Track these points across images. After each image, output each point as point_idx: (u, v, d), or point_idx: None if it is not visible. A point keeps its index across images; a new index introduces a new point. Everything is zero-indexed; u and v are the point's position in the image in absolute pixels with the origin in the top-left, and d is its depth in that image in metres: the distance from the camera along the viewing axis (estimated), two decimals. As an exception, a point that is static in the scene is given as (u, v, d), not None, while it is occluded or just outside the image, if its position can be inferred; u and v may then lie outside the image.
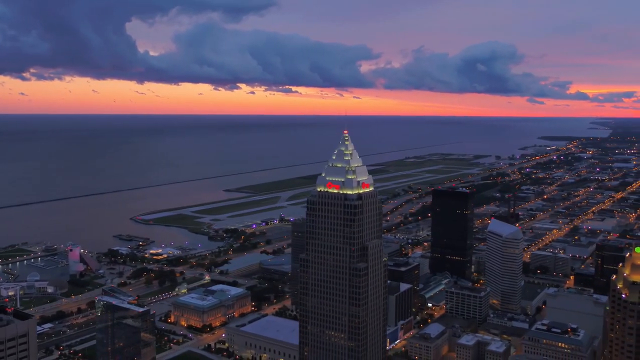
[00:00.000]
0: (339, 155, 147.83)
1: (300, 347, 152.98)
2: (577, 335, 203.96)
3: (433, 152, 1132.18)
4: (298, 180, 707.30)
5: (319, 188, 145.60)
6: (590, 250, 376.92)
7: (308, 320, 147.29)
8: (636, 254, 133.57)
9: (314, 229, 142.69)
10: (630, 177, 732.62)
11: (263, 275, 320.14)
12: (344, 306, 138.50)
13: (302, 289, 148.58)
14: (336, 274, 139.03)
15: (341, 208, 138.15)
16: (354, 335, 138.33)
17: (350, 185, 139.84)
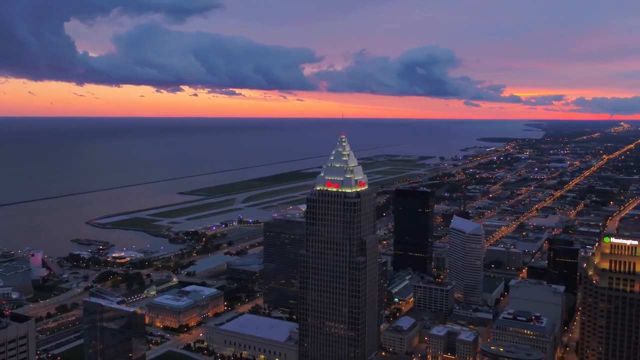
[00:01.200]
0: (337, 156, 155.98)
1: (300, 339, 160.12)
2: (541, 323, 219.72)
3: (379, 153, 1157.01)
4: (251, 182, 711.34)
5: (318, 187, 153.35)
6: (539, 245, 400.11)
7: (308, 313, 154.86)
8: (605, 244, 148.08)
9: (314, 225, 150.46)
10: (567, 176, 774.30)
11: (231, 275, 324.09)
12: (344, 298, 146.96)
13: (301, 283, 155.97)
14: (336, 268, 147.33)
15: (341, 205, 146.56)
16: (353, 325, 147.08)
17: (349, 184, 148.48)
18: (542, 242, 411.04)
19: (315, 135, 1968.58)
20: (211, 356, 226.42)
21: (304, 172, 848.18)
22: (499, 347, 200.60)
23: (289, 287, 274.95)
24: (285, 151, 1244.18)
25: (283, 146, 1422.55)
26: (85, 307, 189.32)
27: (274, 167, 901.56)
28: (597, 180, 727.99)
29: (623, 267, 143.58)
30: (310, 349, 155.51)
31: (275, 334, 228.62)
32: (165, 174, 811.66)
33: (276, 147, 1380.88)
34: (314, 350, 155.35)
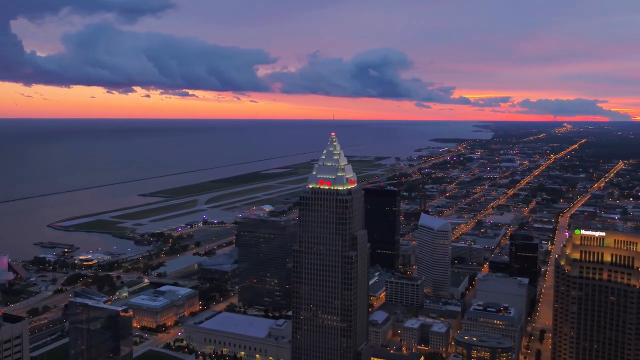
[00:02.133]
0: (329, 155, 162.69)
1: (294, 332, 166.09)
2: (509, 313, 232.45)
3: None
4: (212, 183, 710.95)
5: (310, 185, 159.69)
6: (497, 241, 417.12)
7: (301, 306, 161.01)
8: (576, 236, 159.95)
9: (307, 222, 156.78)
10: (517, 175, 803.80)
11: (203, 275, 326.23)
12: (337, 291, 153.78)
13: (295, 278, 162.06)
14: (329, 262, 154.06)
15: (333, 203, 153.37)
16: (346, 316, 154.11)
17: (341, 182, 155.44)
18: (500, 238, 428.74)
19: (271, 137, 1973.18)
20: (192, 354, 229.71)
21: (263, 173, 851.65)
22: (472, 336, 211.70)
23: (263, 285, 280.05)
24: (243, 153, 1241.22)
25: (240, 148, 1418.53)
26: (71, 307, 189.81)
27: (233, 168, 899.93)
28: (547, 179, 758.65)
29: (592, 257, 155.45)
30: (303, 340, 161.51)
31: (255, 330, 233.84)
32: (123, 175, 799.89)
33: (233, 149, 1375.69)
34: (306, 342, 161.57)
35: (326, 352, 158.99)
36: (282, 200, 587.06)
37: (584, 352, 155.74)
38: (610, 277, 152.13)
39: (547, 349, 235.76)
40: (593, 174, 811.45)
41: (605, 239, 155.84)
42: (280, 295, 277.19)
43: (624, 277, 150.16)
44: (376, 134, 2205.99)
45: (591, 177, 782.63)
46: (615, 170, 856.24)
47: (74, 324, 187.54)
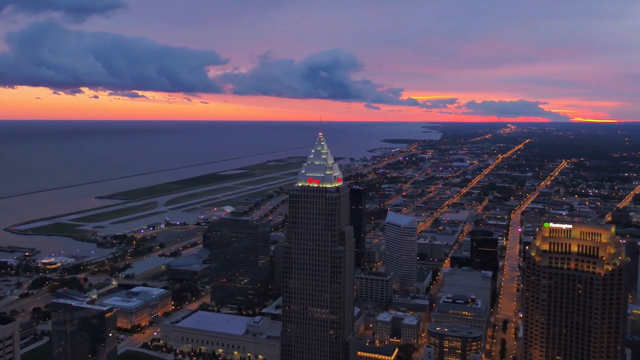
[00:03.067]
0: (317, 155, 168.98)
1: (284, 325, 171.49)
2: (477, 304, 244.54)
3: (292, 155, 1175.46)
4: (169, 185, 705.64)
5: (299, 183, 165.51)
6: (455, 238, 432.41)
7: (291, 300, 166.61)
8: (545, 228, 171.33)
9: (297, 219, 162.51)
10: (469, 174, 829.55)
11: (172, 276, 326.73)
12: (326, 284, 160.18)
13: (285, 273, 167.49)
14: (318, 257, 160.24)
15: (322, 200, 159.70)
16: (335, 309, 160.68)
17: (330, 179, 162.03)
18: (458, 235, 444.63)
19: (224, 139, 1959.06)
20: (170, 353, 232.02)
21: (220, 174, 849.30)
22: (443, 327, 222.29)
23: (236, 284, 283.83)
24: (197, 154, 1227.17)
25: (193, 149, 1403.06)
26: (54, 308, 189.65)
27: (189, 170, 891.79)
28: (496, 178, 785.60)
29: (560, 248, 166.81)
30: (293, 333, 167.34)
31: (232, 328, 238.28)
32: (77, 178, 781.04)
33: (187, 151, 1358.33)
34: (296, 335, 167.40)
35: (316, 343, 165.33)
36: (242, 201, 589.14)
37: (553, 337, 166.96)
38: (577, 266, 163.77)
39: (511, 338, 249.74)
40: (539, 172, 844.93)
41: (572, 230, 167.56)
42: (253, 293, 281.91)
43: (589, 266, 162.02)
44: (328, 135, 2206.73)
45: (537, 175, 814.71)
46: (560, 169, 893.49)
47: (58, 325, 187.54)
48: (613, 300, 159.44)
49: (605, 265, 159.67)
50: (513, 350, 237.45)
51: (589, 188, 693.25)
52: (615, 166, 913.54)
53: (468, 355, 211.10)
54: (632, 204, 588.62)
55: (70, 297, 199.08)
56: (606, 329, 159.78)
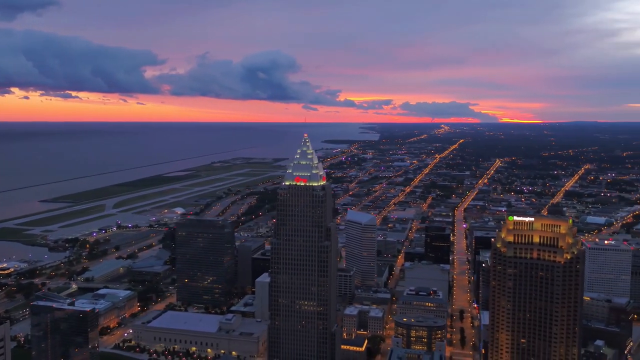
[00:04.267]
0: (303, 154, 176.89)
1: (272, 318, 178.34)
2: (438, 296, 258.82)
3: (235, 156, 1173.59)
4: (115, 188, 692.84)
5: (287, 182, 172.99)
6: (405, 234, 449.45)
7: (279, 294, 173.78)
8: (509, 221, 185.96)
9: (285, 216, 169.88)
10: (410, 173, 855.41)
11: (134, 278, 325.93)
12: (314, 278, 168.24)
13: (273, 268, 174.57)
14: (306, 252, 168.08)
15: (309, 197, 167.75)
16: (322, 301, 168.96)
17: (316, 178, 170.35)
18: (408, 232, 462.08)
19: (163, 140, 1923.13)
20: (143, 353, 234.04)
21: (166, 176, 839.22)
22: (410, 318, 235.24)
23: (202, 284, 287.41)
24: (138, 156, 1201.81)
25: (133, 151, 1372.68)
26: (34, 311, 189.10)
27: (132, 172, 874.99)
28: (437, 177, 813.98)
29: (523, 239, 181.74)
30: (282, 326, 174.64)
31: (205, 326, 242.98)
32: (16, 181, 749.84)
33: (126, 152, 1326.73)
34: (284, 327, 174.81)
35: (303, 335, 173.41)
36: (192, 202, 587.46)
37: (519, 321, 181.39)
38: (539, 255, 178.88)
39: (468, 327, 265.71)
40: (476, 171, 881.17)
41: (534, 223, 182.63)
42: (220, 292, 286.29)
43: (550, 254, 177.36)
44: (268, 136, 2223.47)
45: (475, 174, 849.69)
46: (494, 167, 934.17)
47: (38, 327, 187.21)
48: (572, 286, 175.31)
49: (565, 254, 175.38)
50: (472, 338, 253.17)
51: (523, 185, 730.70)
52: (545, 164, 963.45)
53: (433, 344, 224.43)
54: (563, 199, 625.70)
55: (50, 300, 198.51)
56: (566, 313, 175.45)
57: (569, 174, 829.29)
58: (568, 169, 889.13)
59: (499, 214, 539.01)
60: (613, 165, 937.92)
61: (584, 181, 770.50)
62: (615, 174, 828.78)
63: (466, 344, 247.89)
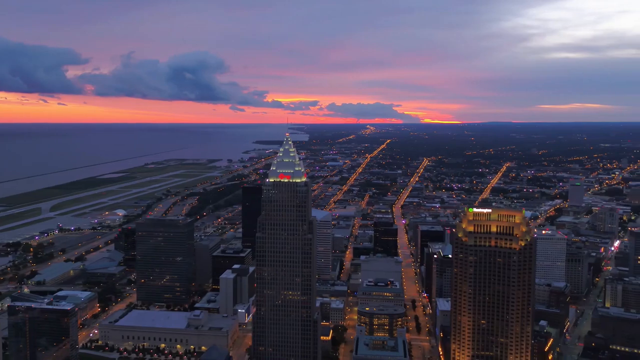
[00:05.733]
0: (286, 153, 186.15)
1: (257, 308, 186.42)
2: (395, 286, 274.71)
3: (168, 158, 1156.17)
4: (49, 190, 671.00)
5: (271, 179, 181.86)
6: (349, 231, 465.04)
7: (265, 285, 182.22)
8: (469, 213, 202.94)
9: (270, 211, 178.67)
10: (345, 172, 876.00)
11: (88, 279, 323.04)
12: (298, 269, 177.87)
13: (258, 261, 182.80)
14: (290, 245, 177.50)
15: (293, 193, 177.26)
16: (306, 291, 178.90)
17: (299, 175, 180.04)
18: (351, 228, 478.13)
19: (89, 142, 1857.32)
20: (113, 352, 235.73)
21: (100, 178, 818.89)
22: (372, 307, 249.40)
23: (163, 282, 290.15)
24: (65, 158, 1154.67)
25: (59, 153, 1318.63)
26: (12, 311, 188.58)
27: (62, 175, 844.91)
28: (371, 176, 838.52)
29: (482, 229, 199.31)
30: (267, 315, 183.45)
31: (173, 323, 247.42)
32: None
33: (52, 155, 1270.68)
34: (269, 317, 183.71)
35: (288, 323, 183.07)
36: (132, 204, 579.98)
37: (479, 304, 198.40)
38: (497, 243, 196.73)
39: (421, 315, 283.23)
40: (407, 170, 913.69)
41: (491, 214, 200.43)
42: (181, 290, 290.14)
43: (506, 242, 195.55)
44: (198, 138, 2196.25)
45: (406, 172, 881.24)
46: (423, 166, 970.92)
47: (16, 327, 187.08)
48: (526, 270, 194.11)
49: (519, 241, 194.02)
50: (426, 325, 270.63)
51: (452, 183, 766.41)
52: (469, 163, 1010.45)
53: (395, 330, 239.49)
54: (490, 195, 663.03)
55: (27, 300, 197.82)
56: (521, 295, 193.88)
57: (493, 172, 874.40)
58: (491, 167, 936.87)
59: (433, 210, 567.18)
60: (531, 163, 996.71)
61: (506, 178, 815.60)
62: (534, 171, 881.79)
63: (421, 330, 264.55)
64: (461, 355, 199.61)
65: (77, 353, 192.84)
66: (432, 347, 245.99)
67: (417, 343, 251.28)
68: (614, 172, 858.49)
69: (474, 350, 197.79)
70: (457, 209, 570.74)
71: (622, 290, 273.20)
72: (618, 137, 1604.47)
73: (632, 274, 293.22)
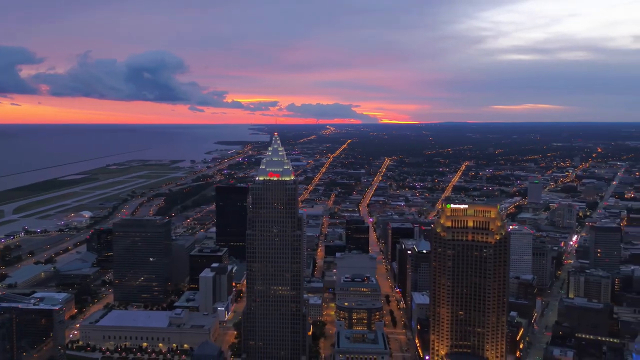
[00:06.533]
0: (274, 152, 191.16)
1: (248, 302, 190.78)
2: (372, 281, 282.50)
3: (130, 159, 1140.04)
4: (10, 193, 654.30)
5: (261, 177, 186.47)
6: (319, 229, 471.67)
7: (255, 281, 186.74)
8: (447, 209, 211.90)
9: (260, 209, 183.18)
10: (309, 172, 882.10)
11: (62, 281, 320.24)
12: (287, 265, 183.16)
13: (249, 257, 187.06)
14: (280, 241, 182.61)
15: (282, 191, 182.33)
16: (295, 285, 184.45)
17: (288, 173, 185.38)
18: (321, 227, 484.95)
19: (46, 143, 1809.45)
20: (95, 352, 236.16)
21: (62, 180, 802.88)
22: (351, 302, 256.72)
23: (140, 282, 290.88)
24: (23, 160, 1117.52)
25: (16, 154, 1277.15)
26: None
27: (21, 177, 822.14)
28: (335, 175, 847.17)
29: (460, 224, 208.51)
30: (257, 310, 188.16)
31: (155, 322, 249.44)
32: None
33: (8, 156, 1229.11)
34: (260, 312, 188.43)
35: (278, 317, 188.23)
36: (97, 205, 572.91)
37: (457, 296, 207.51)
38: (474, 237, 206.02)
39: (395, 309, 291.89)
40: (369, 169, 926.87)
41: (468, 209, 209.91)
42: (159, 290, 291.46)
43: (482, 236, 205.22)
44: (158, 138, 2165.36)
45: (369, 172, 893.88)
46: (385, 166, 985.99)
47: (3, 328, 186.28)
48: (501, 263, 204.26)
49: (495, 235, 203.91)
50: (402, 318, 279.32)
51: (414, 182, 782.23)
52: (429, 162, 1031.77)
53: (373, 324, 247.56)
54: (452, 193, 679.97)
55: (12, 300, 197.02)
56: (496, 286, 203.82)
57: (453, 171, 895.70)
58: (451, 166, 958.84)
59: (398, 208, 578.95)
60: (489, 162, 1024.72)
61: (466, 177, 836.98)
62: (492, 170, 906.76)
63: (397, 324, 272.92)
64: (440, 345, 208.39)
65: (65, 353, 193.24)
66: (409, 340, 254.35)
67: (393, 336, 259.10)
68: (568, 170, 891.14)
69: (452, 340, 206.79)
70: (421, 207, 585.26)
71: (585, 282, 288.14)
72: (569, 136, 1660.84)
73: (593, 267, 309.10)
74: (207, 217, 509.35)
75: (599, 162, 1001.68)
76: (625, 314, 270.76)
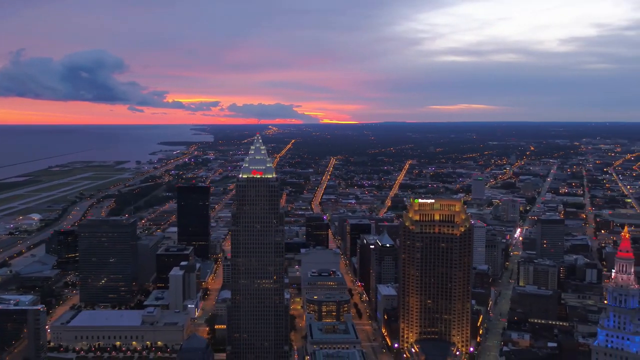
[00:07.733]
0: (257, 151, 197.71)
1: (233, 296, 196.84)
2: (338, 275, 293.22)
3: (72, 160, 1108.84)
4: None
5: (244, 175, 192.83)
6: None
7: (240, 275, 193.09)
8: (415, 203, 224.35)
9: (244, 205, 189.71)
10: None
11: (22, 284, 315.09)
12: (271, 258, 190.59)
13: (234, 252, 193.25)
14: (263, 237, 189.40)
15: (266, 188, 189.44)
16: (278, 278, 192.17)
17: (270, 171, 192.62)
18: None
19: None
20: (68, 352, 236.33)
21: (3, 182, 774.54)
22: (320, 295, 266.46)
23: (107, 283, 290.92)
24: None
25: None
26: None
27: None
28: (284, 175, 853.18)
29: (427, 218, 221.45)
30: (242, 303, 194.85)
31: (127, 321, 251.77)
32: None
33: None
34: (244, 305, 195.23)
35: (262, 310, 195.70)
36: (45, 207, 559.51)
37: (425, 286, 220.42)
38: (440, 230, 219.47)
39: (359, 301, 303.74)
40: (317, 168, 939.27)
41: (434, 204, 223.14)
42: (126, 290, 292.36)
43: (448, 229, 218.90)
44: (97, 139, 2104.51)
45: (317, 171, 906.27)
46: (331, 165, 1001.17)
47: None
48: (465, 253, 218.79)
49: (460, 228, 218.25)
50: (366, 310, 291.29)
51: (362, 180, 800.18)
52: (374, 161, 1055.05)
53: (342, 316, 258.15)
54: (400, 191, 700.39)
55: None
56: (461, 275, 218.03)
57: (397, 169, 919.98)
58: (395, 165, 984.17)
59: (350, 205, 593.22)
60: (430, 160, 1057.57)
61: (411, 175, 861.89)
62: (435, 168, 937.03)
63: (362, 315, 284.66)
64: (410, 332, 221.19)
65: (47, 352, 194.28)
66: (374, 330, 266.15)
67: (360, 327, 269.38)
68: (505, 167, 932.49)
69: (421, 327, 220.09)
70: (372, 204, 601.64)
71: (533, 271, 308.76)
72: (503, 135, 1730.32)
73: (540, 257, 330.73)
74: (161, 217, 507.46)
75: (533, 160, 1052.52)
76: (571, 299, 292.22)
